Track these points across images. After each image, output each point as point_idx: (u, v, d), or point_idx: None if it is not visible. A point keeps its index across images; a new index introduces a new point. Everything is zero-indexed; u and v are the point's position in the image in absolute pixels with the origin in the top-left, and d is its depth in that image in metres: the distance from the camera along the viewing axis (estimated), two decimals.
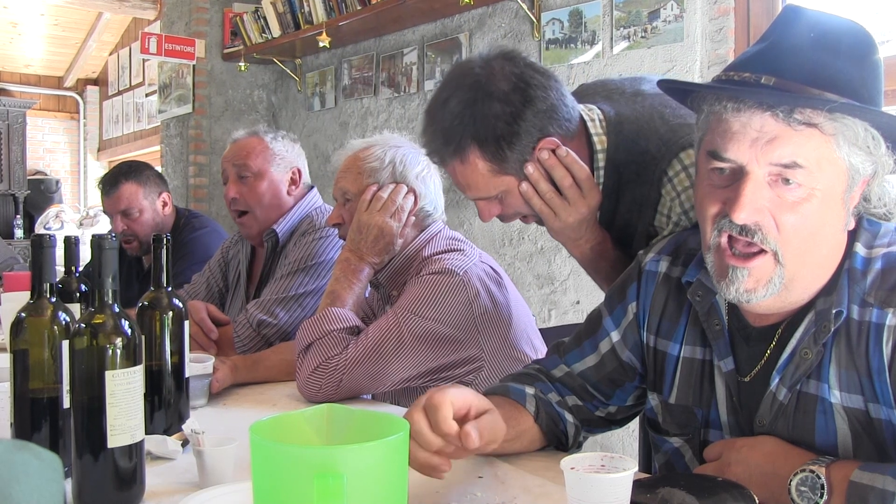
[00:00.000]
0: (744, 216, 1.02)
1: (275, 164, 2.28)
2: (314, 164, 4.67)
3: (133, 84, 8.45)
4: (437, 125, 1.38)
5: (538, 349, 1.81)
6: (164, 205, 2.99)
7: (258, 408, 1.66)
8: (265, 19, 4.69)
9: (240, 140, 2.33)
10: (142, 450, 1.11)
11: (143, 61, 7.78)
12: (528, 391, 1.29)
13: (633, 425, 2.21)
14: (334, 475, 0.72)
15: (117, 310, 1.09)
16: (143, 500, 1.11)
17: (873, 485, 0.94)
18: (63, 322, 1.21)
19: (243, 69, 4.98)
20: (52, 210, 7.77)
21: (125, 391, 1.07)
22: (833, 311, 1.05)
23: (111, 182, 2.91)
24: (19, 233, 7.89)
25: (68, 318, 1.22)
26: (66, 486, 1.03)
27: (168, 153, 5.50)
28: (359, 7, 4.05)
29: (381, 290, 1.90)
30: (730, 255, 1.06)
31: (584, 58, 3.28)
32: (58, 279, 1.30)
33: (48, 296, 1.22)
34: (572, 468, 0.93)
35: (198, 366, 1.60)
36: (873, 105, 1.04)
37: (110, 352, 1.06)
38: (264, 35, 4.74)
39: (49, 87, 9.29)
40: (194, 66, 5.08)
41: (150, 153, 7.54)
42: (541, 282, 3.44)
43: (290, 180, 2.31)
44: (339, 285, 1.76)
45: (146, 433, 1.14)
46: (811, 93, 1.02)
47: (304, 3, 4.40)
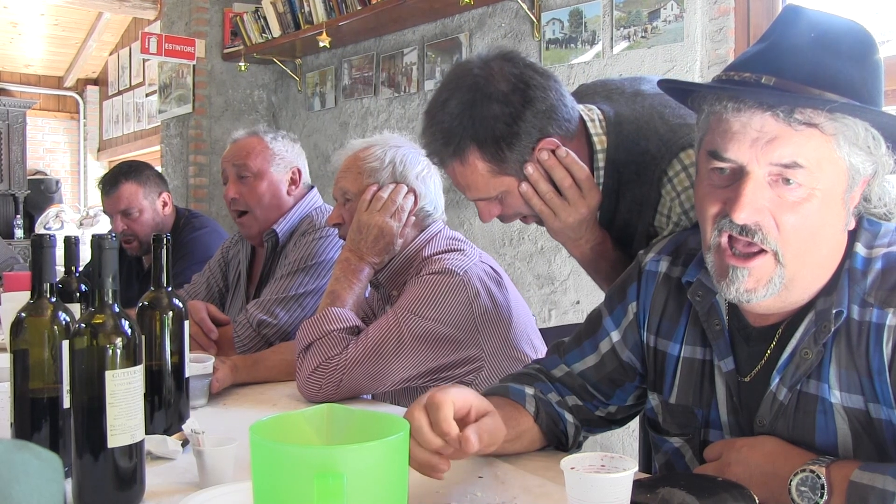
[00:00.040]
0: (744, 216, 1.02)
1: (274, 164, 2.28)
2: (314, 164, 4.67)
3: (133, 84, 8.45)
4: (437, 126, 1.38)
5: (538, 349, 1.81)
6: (164, 205, 2.99)
7: (258, 408, 1.66)
8: (265, 19, 4.69)
9: (239, 140, 2.32)
10: (142, 450, 1.11)
11: (143, 61, 7.79)
12: (528, 391, 1.29)
13: (633, 425, 2.21)
14: (334, 475, 0.72)
15: (117, 310, 1.09)
16: (143, 500, 1.11)
17: (873, 485, 0.94)
18: (63, 322, 1.21)
19: (243, 69, 4.98)
20: (52, 210, 7.78)
21: (125, 391, 1.07)
22: (833, 311, 1.05)
23: (111, 182, 2.91)
24: (19, 233, 7.89)
25: (68, 318, 1.22)
26: (66, 486, 1.03)
27: (168, 153, 5.50)
28: (359, 7, 4.05)
29: (381, 290, 1.90)
30: (730, 255, 1.06)
31: (584, 58, 3.28)
32: (58, 279, 1.30)
33: (48, 296, 1.22)
34: (572, 468, 0.93)
35: (198, 366, 1.60)
36: (874, 105, 1.04)
37: (110, 352, 1.06)
38: (264, 35, 4.74)
39: (49, 87, 9.30)
40: (194, 66, 5.08)
41: (150, 153, 7.55)
42: (541, 282, 3.44)
43: (289, 180, 2.31)
44: (339, 285, 1.76)
45: (146, 433, 1.14)
46: (811, 93, 1.02)
47: (304, 3, 4.40)
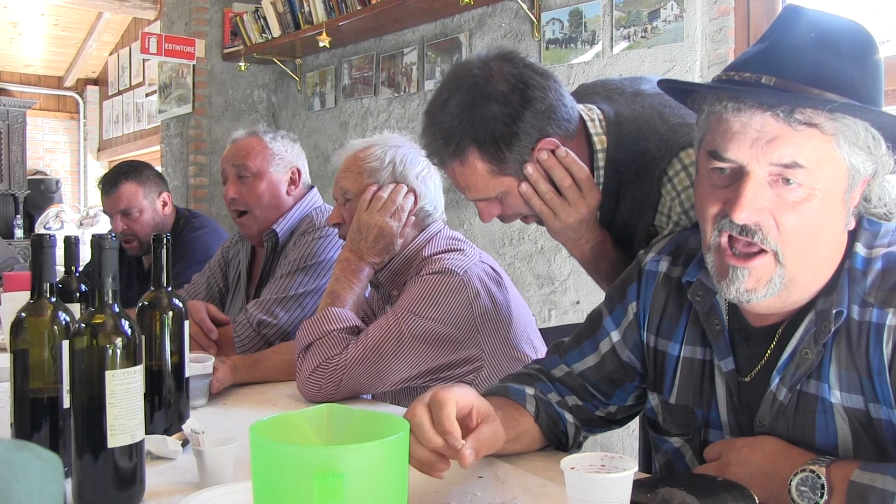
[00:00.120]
0: (744, 216, 1.02)
1: (274, 164, 2.28)
2: (314, 164, 4.67)
3: (133, 84, 8.45)
4: (437, 127, 1.37)
5: (538, 349, 1.81)
6: (164, 205, 2.99)
7: (258, 408, 1.66)
8: (265, 19, 4.69)
9: (239, 140, 2.32)
10: (142, 450, 1.11)
11: (143, 61, 7.79)
12: (528, 391, 1.29)
13: (633, 425, 2.21)
14: (334, 475, 0.72)
15: (117, 310, 1.09)
16: (143, 500, 1.11)
17: (874, 485, 0.94)
18: (63, 322, 1.21)
19: (243, 69, 4.98)
20: (52, 210, 7.78)
21: (125, 391, 1.07)
22: (833, 311, 1.05)
23: (111, 182, 2.91)
24: (19, 233, 7.89)
25: (68, 318, 1.22)
26: (66, 486, 1.03)
27: (168, 153, 5.50)
28: (359, 7, 4.05)
29: (381, 289, 1.90)
30: (730, 255, 1.06)
31: (584, 58, 3.28)
32: (58, 279, 1.30)
33: (48, 296, 1.22)
34: (572, 468, 0.93)
35: (198, 366, 1.60)
36: (874, 105, 1.04)
37: (110, 352, 1.06)
38: (264, 35, 4.74)
39: (49, 87, 9.30)
40: (194, 66, 5.08)
41: (150, 153, 7.55)
42: (541, 282, 3.44)
43: (289, 180, 2.31)
44: (339, 285, 1.76)
45: (146, 433, 1.14)
46: (811, 93, 1.02)
47: (304, 3, 4.40)
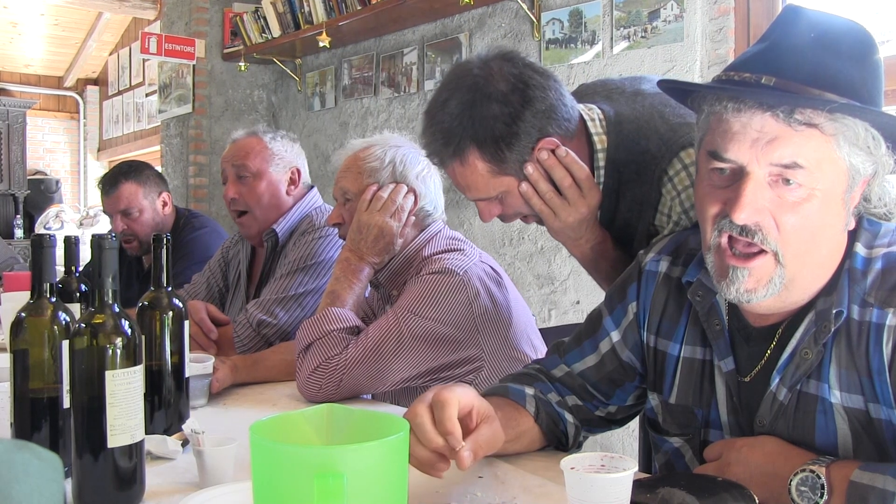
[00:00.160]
0: (744, 216, 1.02)
1: (273, 164, 2.28)
2: (314, 164, 4.67)
3: (133, 84, 8.45)
4: (437, 126, 1.37)
5: (538, 349, 1.81)
6: (164, 205, 2.99)
7: (258, 408, 1.66)
8: (265, 19, 4.69)
9: (239, 140, 2.32)
10: (142, 450, 1.11)
11: (143, 61, 7.79)
12: (528, 391, 1.29)
13: (633, 425, 2.21)
14: (334, 475, 0.72)
15: (117, 310, 1.09)
16: (143, 500, 1.11)
17: (873, 485, 0.94)
18: (63, 322, 1.21)
19: (243, 69, 4.98)
20: (52, 210, 7.78)
21: (125, 391, 1.07)
22: (833, 311, 1.05)
23: (111, 182, 2.91)
24: (19, 233, 7.89)
25: (68, 318, 1.22)
26: (66, 486, 1.03)
27: (168, 153, 5.50)
28: (359, 7, 4.05)
29: (381, 289, 1.90)
30: (730, 255, 1.06)
31: (584, 58, 3.28)
32: (58, 279, 1.30)
33: (48, 296, 1.22)
34: (572, 468, 0.93)
35: (198, 366, 1.60)
36: (873, 105, 1.04)
37: (110, 352, 1.06)
38: (264, 35, 4.74)
39: (49, 87, 9.29)
40: (194, 66, 5.08)
41: (150, 153, 7.54)
42: (541, 282, 3.44)
43: (288, 180, 2.31)
44: (339, 285, 1.76)
45: (146, 433, 1.14)
46: (811, 93, 1.02)
47: (304, 3, 4.40)
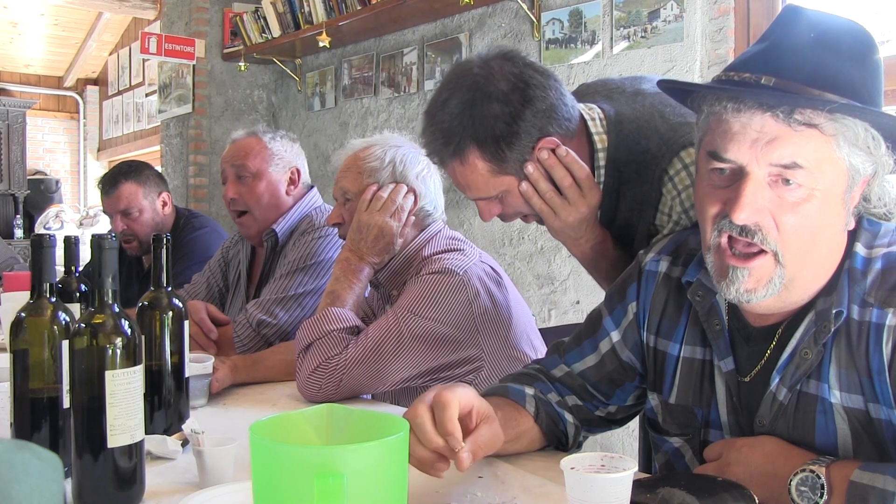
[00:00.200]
0: (744, 217, 1.02)
1: (273, 165, 2.28)
2: (314, 164, 4.67)
3: (133, 84, 8.45)
4: (437, 126, 1.38)
5: (538, 349, 1.81)
6: (164, 204, 2.99)
7: (258, 408, 1.66)
8: (265, 19, 4.69)
9: (238, 140, 2.32)
10: (142, 450, 1.11)
11: (143, 61, 7.79)
12: (528, 391, 1.29)
13: (633, 425, 2.21)
14: (334, 475, 0.72)
15: (117, 310, 1.09)
16: (143, 500, 1.11)
17: (873, 485, 0.94)
18: (63, 322, 1.21)
19: (243, 69, 4.98)
20: (52, 210, 7.78)
21: (125, 391, 1.07)
22: (833, 311, 1.05)
23: (111, 182, 2.91)
24: (19, 233, 7.89)
25: (68, 318, 1.22)
26: (66, 486, 1.03)
27: (168, 153, 5.50)
28: (359, 7, 4.05)
29: (380, 289, 1.90)
30: (730, 255, 1.06)
31: (584, 58, 3.28)
32: (58, 279, 1.30)
33: (48, 296, 1.22)
34: (572, 468, 0.93)
35: (198, 366, 1.60)
36: (873, 105, 1.04)
37: (110, 352, 1.06)
38: (264, 35, 4.74)
39: (49, 87, 9.29)
40: (194, 66, 5.08)
41: (150, 153, 7.54)
42: (541, 282, 3.44)
43: (288, 180, 2.30)
44: (339, 285, 1.76)
45: (146, 433, 1.14)
46: (811, 93, 1.02)
47: (304, 3, 4.40)
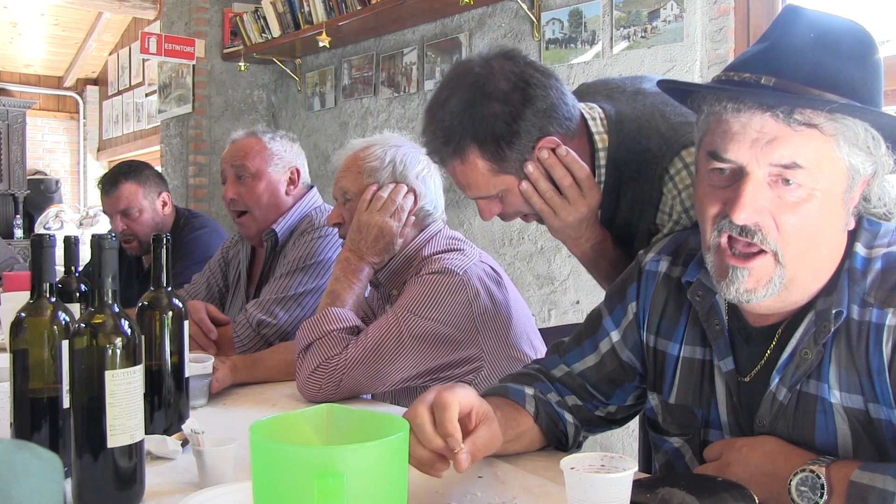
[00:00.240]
0: (744, 217, 1.02)
1: (272, 165, 2.28)
2: (314, 164, 4.67)
3: (133, 84, 8.45)
4: (437, 125, 1.38)
5: (538, 349, 1.81)
6: (164, 204, 2.99)
7: (258, 408, 1.66)
8: (265, 19, 4.69)
9: (238, 140, 2.32)
10: (142, 450, 1.11)
11: (143, 61, 7.78)
12: (528, 391, 1.29)
13: (633, 425, 2.21)
14: (334, 475, 0.72)
15: (117, 310, 1.09)
16: (143, 500, 1.11)
17: (873, 485, 0.94)
18: (63, 322, 1.21)
19: (243, 69, 4.97)
20: (51, 210, 7.77)
21: (125, 391, 1.07)
22: (833, 312, 1.05)
23: (111, 182, 2.91)
24: (19, 233, 7.89)
25: (68, 318, 1.22)
26: (66, 486, 1.03)
27: (168, 153, 5.50)
28: (359, 7, 4.05)
29: (380, 289, 1.90)
30: (730, 255, 1.06)
31: (584, 58, 3.28)
32: (58, 279, 1.30)
33: (48, 296, 1.22)
34: (572, 468, 0.93)
35: (198, 366, 1.60)
36: (873, 105, 1.04)
37: (110, 352, 1.06)
38: (264, 35, 4.74)
39: (49, 87, 9.29)
40: (194, 66, 5.08)
41: (150, 153, 7.54)
42: (541, 282, 3.44)
43: (288, 180, 2.31)
44: (339, 285, 1.76)
45: (146, 433, 1.14)
46: (811, 93, 1.02)
47: (304, 3, 4.39)
